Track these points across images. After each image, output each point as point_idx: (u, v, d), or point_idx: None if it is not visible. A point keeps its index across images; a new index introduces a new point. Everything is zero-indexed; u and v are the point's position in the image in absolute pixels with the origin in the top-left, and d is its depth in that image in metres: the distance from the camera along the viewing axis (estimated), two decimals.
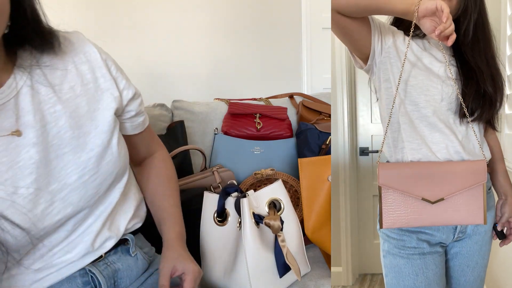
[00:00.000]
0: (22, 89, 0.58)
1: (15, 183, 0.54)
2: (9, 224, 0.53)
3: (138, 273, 0.75)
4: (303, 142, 1.28)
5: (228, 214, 0.87)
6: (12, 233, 0.53)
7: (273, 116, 1.39)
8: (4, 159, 0.54)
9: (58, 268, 0.64)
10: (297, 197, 1.19)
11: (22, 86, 0.58)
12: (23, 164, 0.55)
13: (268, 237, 0.85)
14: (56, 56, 0.64)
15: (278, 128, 1.38)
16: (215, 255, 0.86)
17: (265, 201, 0.87)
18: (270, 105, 1.51)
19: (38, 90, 0.60)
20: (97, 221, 0.68)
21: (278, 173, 1.21)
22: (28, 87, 0.59)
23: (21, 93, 0.58)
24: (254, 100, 1.55)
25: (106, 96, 0.67)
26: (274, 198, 0.88)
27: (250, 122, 1.35)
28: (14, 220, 0.53)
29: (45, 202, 0.57)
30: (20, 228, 0.54)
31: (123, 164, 0.70)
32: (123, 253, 0.74)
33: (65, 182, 0.59)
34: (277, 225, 0.82)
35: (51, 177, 0.58)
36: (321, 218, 0.96)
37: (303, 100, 1.53)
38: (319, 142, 1.27)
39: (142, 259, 0.76)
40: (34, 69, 0.61)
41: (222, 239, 0.86)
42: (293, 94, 1.62)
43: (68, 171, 0.60)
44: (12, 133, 0.55)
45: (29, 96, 0.58)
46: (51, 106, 0.60)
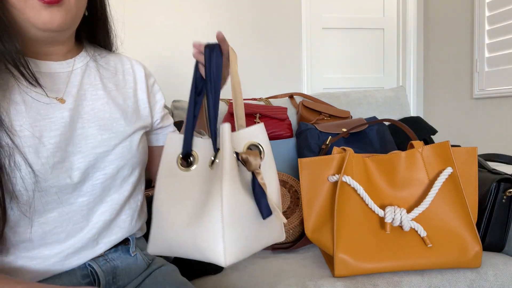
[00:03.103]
0: (77, 69, 0.72)
1: (42, 132, 0.63)
2: (23, 160, 0.60)
3: (137, 272, 0.76)
4: (303, 142, 1.28)
5: (196, 157, 0.72)
6: (23, 170, 0.59)
7: (273, 116, 1.38)
8: (42, 111, 0.64)
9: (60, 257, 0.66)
10: (297, 197, 1.19)
11: (79, 67, 0.72)
12: (54, 120, 0.65)
13: (245, 178, 0.70)
14: (112, 57, 0.79)
15: (278, 128, 1.38)
16: (177, 206, 0.70)
17: (243, 144, 0.73)
18: (270, 105, 1.51)
19: (89, 75, 0.73)
20: (106, 213, 0.70)
21: (278, 173, 1.21)
22: (82, 69, 0.72)
23: (75, 71, 0.71)
24: (254, 100, 1.55)
25: (141, 108, 0.79)
26: (252, 143, 0.74)
27: (250, 122, 1.35)
28: (28, 158, 0.60)
29: (59, 157, 0.64)
30: (31, 168, 0.60)
31: (139, 160, 0.75)
32: (123, 252, 0.75)
33: (80, 149, 0.67)
34: (256, 161, 0.67)
35: (71, 140, 0.66)
36: (321, 218, 0.96)
37: (303, 100, 1.53)
38: (319, 142, 1.27)
39: (141, 259, 0.77)
40: (93, 59, 0.75)
41: (187, 184, 0.71)
42: (293, 94, 1.61)
43: (87, 142, 0.68)
44: (57, 99, 0.67)
45: (80, 76, 0.71)
46: (94, 90, 0.72)
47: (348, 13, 2.63)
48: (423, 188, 0.92)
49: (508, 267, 0.91)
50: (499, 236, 1.00)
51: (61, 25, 0.62)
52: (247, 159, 0.67)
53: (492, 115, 2.07)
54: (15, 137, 0.60)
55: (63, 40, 0.69)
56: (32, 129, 0.62)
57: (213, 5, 2.26)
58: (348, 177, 0.91)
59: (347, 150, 0.94)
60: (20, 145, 0.60)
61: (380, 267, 0.88)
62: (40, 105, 0.65)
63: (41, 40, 0.65)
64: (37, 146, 0.61)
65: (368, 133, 1.33)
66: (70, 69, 0.71)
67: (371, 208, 0.90)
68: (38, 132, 0.62)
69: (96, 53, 0.77)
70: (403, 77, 2.69)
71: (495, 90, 2.01)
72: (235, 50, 2.32)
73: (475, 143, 2.17)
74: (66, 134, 0.66)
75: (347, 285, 0.85)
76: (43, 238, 0.64)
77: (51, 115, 0.65)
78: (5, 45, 0.60)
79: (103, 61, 0.77)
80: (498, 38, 1.97)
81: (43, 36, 0.64)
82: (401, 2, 2.65)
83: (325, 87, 2.62)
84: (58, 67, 0.69)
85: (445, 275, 0.88)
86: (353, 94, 1.69)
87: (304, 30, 2.49)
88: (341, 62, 2.65)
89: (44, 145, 0.62)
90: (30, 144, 0.61)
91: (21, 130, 0.61)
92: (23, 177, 0.60)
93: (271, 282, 0.89)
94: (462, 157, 0.93)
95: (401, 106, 1.70)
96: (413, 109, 2.61)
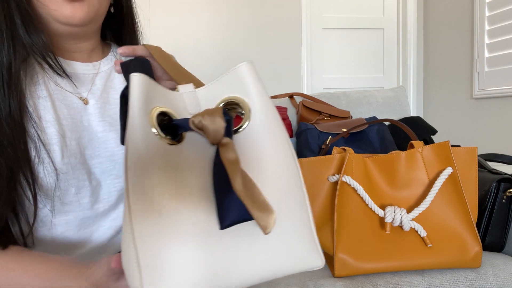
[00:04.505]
0: (102, 72, 0.71)
1: (65, 131, 0.63)
2: (48, 157, 0.60)
3: None
4: (303, 142, 1.28)
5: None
6: (47, 167, 0.60)
7: None
8: (66, 110, 0.64)
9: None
10: None
11: (104, 70, 0.72)
12: (76, 120, 0.65)
13: (200, 163, 0.42)
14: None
15: None
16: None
17: (217, 102, 0.45)
18: None
19: (114, 79, 0.72)
20: (117, 219, 0.70)
21: None
22: (107, 72, 0.72)
23: (101, 74, 0.71)
24: None
25: None
26: (232, 99, 0.45)
27: None
28: (53, 156, 0.60)
29: (79, 158, 0.64)
30: (54, 166, 0.60)
31: None
32: None
33: (99, 154, 0.67)
34: (216, 124, 0.39)
35: (91, 143, 0.66)
36: (321, 218, 0.96)
37: (303, 100, 1.53)
38: (319, 142, 1.27)
39: None
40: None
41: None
42: (293, 94, 1.61)
43: (107, 146, 0.68)
44: (81, 99, 0.67)
45: (105, 80, 0.71)
46: (116, 93, 0.72)
47: (348, 13, 2.63)
48: (423, 188, 0.92)
49: (508, 267, 0.91)
50: (499, 236, 1.00)
51: (82, 20, 0.61)
52: (200, 123, 0.40)
53: (492, 115, 2.07)
54: (42, 133, 0.60)
55: (86, 36, 0.68)
56: (58, 127, 0.62)
57: (213, 6, 2.26)
58: (348, 177, 0.91)
59: (347, 150, 0.94)
60: (46, 142, 0.60)
61: (380, 267, 0.88)
62: (65, 103, 0.65)
63: (63, 35, 0.65)
64: (61, 145, 0.62)
65: (368, 133, 1.33)
66: (96, 72, 0.71)
67: (371, 208, 0.90)
68: (62, 131, 0.63)
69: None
70: (403, 77, 2.69)
71: (495, 90, 2.01)
72: (235, 50, 2.32)
73: (475, 143, 2.17)
74: (86, 136, 0.65)
75: (347, 285, 0.85)
76: (53, 240, 0.64)
77: (74, 115, 0.65)
78: (32, 38, 0.60)
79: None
80: (498, 38, 1.97)
81: (65, 31, 0.63)
82: (401, 2, 2.65)
83: (325, 87, 2.62)
84: (83, 68, 0.69)
85: (445, 275, 0.87)
86: (353, 94, 1.69)
87: (304, 30, 2.49)
88: (341, 62, 2.65)
89: (67, 144, 0.62)
90: (55, 141, 0.61)
91: (47, 126, 0.61)
92: (46, 174, 0.60)
93: (271, 282, 0.90)
94: (462, 157, 0.93)
95: (401, 106, 1.70)
96: (413, 109, 2.61)
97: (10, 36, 0.58)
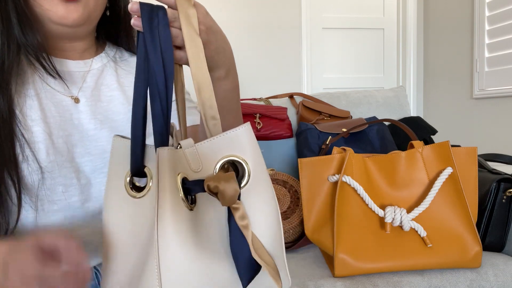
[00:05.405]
0: (94, 70, 0.70)
1: (53, 129, 0.63)
2: (32, 155, 0.59)
3: None
4: (303, 142, 1.28)
5: (150, 176, 0.49)
6: (31, 165, 0.59)
7: (273, 116, 1.39)
8: (54, 109, 0.64)
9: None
10: (297, 197, 1.19)
11: (96, 68, 0.71)
12: (66, 119, 0.65)
13: (215, 224, 0.46)
14: (134, 59, 0.76)
15: (278, 128, 1.38)
16: (122, 249, 0.48)
17: (215, 161, 0.47)
18: (270, 105, 1.51)
19: (106, 76, 0.71)
20: None
21: (278, 173, 1.21)
22: (99, 70, 0.71)
23: (92, 72, 0.70)
24: (254, 100, 1.55)
25: None
26: (232, 157, 0.46)
27: (250, 122, 1.35)
28: (37, 154, 0.60)
29: (66, 156, 0.63)
30: (39, 164, 0.60)
31: None
32: None
33: (89, 151, 0.66)
34: (232, 190, 0.42)
35: (81, 141, 0.65)
36: (321, 218, 0.96)
37: (303, 100, 1.53)
38: (319, 142, 1.27)
39: None
40: (112, 60, 0.74)
41: (137, 218, 0.48)
42: (293, 94, 1.62)
43: (97, 144, 0.66)
44: (72, 97, 0.66)
45: (96, 77, 0.70)
46: (109, 91, 0.71)
47: (348, 13, 2.63)
48: (423, 188, 0.92)
49: (508, 267, 0.91)
50: (499, 236, 1.00)
51: (76, 21, 0.61)
52: (216, 188, 0.42)
53: (492, 115, 2.07)
54: (27, 131, 0.60)
55: (80, 36, 0.68)
56: (43, 125, 0.62)
57: (212, 5, 2.26)
58: (348, 177, 0.91)
59: (347, 150, 0.94)
60: (31, 140, 0.60)
61: (380, 267, 0.88)
62: (54, 102, 0.64)
63: (58, 35, 0.65)
64: (47, 143, 0.61)
65: (368, 133, 1.33)
66: (87, 69, 0.70)
67: (371, 208, 0.90)
68: (49, 129, 0.62)
69: (117, 55, 0.75)
70: (403, 77, 2.69)
71: (495, 90, 2.01)
72: (235, 50, 2.32)
73: (475, 143, 2.17)
74: (76, 134, 0.65)
75: (347, 285, 0.85)
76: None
77: (62, 114, 0.64)
78: (26, 37, 0.60)
79: (124, 64, 0.75)
80: (498, 38, 1.97)
81: (59, 31, 0.64)
82: (401, 2, 2.65)
83: (325, 87, 2.62)
84: (74, 66, 0.69)
85: (445, 275, 0.87)
86: (353, 94, 1.69)
87: (304, 30, 2.49)
88: (341, 62, 2.65)
89: (53, 142, 0.62)
90: (40, 139, 0.61)
91: (33, 125, 0.61)
92: (31, 172, 0.60)
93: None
94: (462, 157, 0.93)
95: (401, 106, 1.70)
96: (413, 109, 2.61)
97: (5, 35, 0.58)
